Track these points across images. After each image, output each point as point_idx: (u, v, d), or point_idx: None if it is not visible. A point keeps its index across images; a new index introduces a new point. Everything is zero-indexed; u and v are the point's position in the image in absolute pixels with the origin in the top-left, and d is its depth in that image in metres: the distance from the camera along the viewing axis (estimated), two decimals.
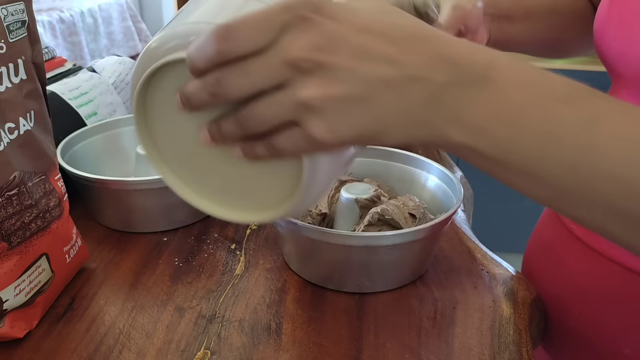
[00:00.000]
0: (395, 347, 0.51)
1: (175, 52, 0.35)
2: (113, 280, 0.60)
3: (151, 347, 0.51)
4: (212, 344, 0.51)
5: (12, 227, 0.49)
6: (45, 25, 3.00)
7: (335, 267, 0.57)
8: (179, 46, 0.35)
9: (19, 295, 0.51)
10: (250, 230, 0.69)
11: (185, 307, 0.56)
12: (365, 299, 0.57)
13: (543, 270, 0.65)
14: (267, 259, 0.63)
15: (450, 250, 0.64)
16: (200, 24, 0.35)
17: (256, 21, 0.30)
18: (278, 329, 0.53)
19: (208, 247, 0.66)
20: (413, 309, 0.56)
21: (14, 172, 0.49)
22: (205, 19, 0.36)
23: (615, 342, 0.57)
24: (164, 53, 0.36)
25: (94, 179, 0.64)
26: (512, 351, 0.50)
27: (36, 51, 0.53)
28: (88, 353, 0.50)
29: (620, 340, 0.56)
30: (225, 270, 0.61)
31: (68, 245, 0.57)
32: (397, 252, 0.55)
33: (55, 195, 0.54)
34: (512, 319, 0.54)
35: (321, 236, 0.54)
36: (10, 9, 0.49)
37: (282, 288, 0.59)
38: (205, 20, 0.35)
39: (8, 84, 0.49)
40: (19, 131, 0.50)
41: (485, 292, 0.58)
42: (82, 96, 0.78)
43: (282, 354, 0.50)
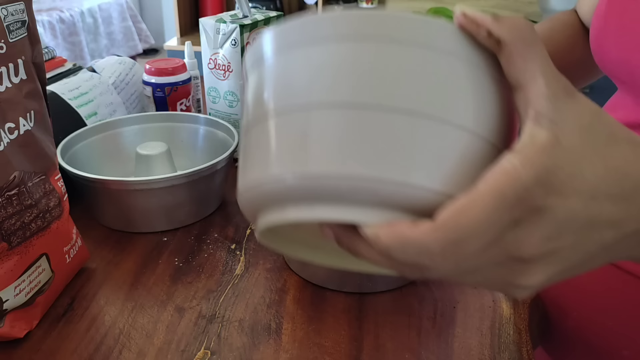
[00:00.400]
0: (395, 347, 0.51)
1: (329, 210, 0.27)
2: (113, 280, 0.60)
3: (151, 347, 0.51)
4: (212, 344, 0.51)
5: (12, 227, 0.49)
6: (45, 25, 3.01)
7: (335, 267, 0.57)
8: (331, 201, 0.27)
9: (19, 295, 0.51)
10: (250, 230, 0.69)
11: (185, 307, 0.56)
12: (365, 299, 0.57)
13: None
14: (267, 259, 0.63)
15: None
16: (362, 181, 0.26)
17: (484, 225, 0.25)
18: (278, 329, 0.53)
19: (208, 247, 0.66)
20: (413, 309, 0.56)
21: (14, 172, 0.49)
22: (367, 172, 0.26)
23: (615, 344, 0.57)
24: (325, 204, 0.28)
25: (94, 179, 0.64)
26: (512, 351, 0.50)
27: (36, 51, 0.53)
28: (88, 353, 0.50)
29: (619, 342, 0.56)
30: (225, 270, 0.61)
31: (68, 245, 0.57)
32: None
33: (55, 195, 0.54)
34: (512, 319, 0.54)
35: None
36: (10, 9, 0.49)
37: (282, 288, 0.59)
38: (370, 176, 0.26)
39: (8, 84, 0.49)
40: (19, 131, 0.50)
41: (485, 292, 0.58)
42: (82, 96, 0.78)
43: (282, 354, 0.50)
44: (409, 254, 0.26)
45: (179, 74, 0.87)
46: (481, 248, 0.26)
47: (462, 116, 0.27)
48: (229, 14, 0.82)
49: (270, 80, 0.30)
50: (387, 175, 0.26)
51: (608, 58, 0.54)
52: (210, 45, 0.80)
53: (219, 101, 0.83)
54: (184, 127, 0.81)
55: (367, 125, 0.26)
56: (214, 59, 0.81)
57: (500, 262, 0.27)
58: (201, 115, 0.81)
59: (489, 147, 0.27)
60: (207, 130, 0.80)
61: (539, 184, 0.25)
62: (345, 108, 0.27)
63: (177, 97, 0.88)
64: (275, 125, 0.29)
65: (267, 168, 0.29)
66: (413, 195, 0.26)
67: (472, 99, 0.28)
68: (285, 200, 0.29)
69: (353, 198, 0.26)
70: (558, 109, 0.26)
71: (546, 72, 0.27)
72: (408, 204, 0.26)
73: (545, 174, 0.25)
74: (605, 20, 0.54)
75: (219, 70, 0.81)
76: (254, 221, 0.33)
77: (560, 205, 0.25)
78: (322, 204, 0.27)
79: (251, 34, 0.79)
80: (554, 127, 0.25)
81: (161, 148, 0.71)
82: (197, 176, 0.66)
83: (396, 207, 0.27)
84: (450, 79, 0.27)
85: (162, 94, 0.87)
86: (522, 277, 0.27)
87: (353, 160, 0.26)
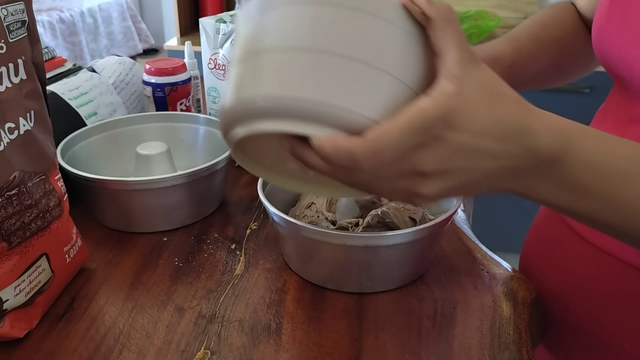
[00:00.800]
0: (395, 347, 0.51)
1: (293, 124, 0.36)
2: (113, 280, 0.60)
3: (151, 347, 0.51)
4: (212, 344, 0.51)
5: (12, 227, 0.49)
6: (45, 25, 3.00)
7: (335, 267, 0.57)
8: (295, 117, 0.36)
9: (19, 295, 0.51)
10: (250, 230, 0.69)
11: (185, 307, 0.56)
12: (365, 299, 0.57)
13: (542, 266, 0.66)
14: (267, 259, 0.63)
15: (450, 250, 0.64)
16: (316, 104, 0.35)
17: (397, 143, 0.34)
18: (278, 329, 0.53)
19: (208, 247, 0.66)
20: (413, 309, 0.56)
21: (14, 172, 0.49)
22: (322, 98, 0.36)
23: (615, 337, 0.57)
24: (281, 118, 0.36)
25: (94, 179, 0.64)
26: (512, 351, 0.50)
27: (36, 51, 0.53)
28: (88, 353, 0.50)
29: (620, 335, 0.56)
30: (225, 270, 0.61)
31: (68, 245, 0.57)
32: (397, 252, 0.55)
33: (55, 195, 0.54)
34: (512, 319, 0.54)
35: (321, 236, 0.54)
36: (10, 9, 0.49)
37: (282, 288, 0.59)
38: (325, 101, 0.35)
39: (8, 84, 0.49)
40: (19, 131, 0.50)
41: (485, 292, 0.58)
42: (82, 96, 0.78)
43: (282, 354, 0.50)
44: (342, 158, 0.35)
45: (179, 74, 0.87)
46: (393, 160, 0.35)
47: (394, 66, 0.36)
48: (229, 14, 0.82)
49: (252, 30, 0.39)
50: (334, 101, 0.35)
51: (608, 54, 0.54)
52: (210, 45, 0.80)
53: (219, 101, 0.83)
54: (184, 127, 0.81)
55: (322, 64, 0.36)
56: (214, 59, 0.81)
57: (405, 174, 0.36)
58: (201, 115, 0.81)
59: (411, 92, 0.37)
60: (207, 130, 0.80)
61: (441, 119, 0.34)
62: (307, 52, 0.36)
63: (177, 97, 0.88)
64: (254, 63, 0.38)
65: (254, 88, 0.37)
66: (351, 118, 0.35)
67: (402, 56, 0.37)
68: (256, 116, 0.37)
69: (307, 117, 0.36)
70: (464, 71, 0.35)
71: (458, 43, 0.36)
72: (346, 125, 0.36)
73: (447, 113, 0.34)
74: (607, 17, 0.54)
75: (219, 70, 0.81)
76: (226, 134, 0.41)
77: (454, 137, 0.35)
78: (283, 120, 0.36)
79: None
80: (459, 82, 0.35)
81: (161, 148, 0.71)
82: (197, 176, 0.66)
83: (337, 126, 0.36)
84: (387, 39, 0.37)
85: (162, 94, 0.87)
86: (421, 187, 0.37)
87: (308, 87, 0.36)
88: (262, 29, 0.39)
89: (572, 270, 0.60)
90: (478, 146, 0.35)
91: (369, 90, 0.36)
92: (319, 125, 0.36)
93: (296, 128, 0.36)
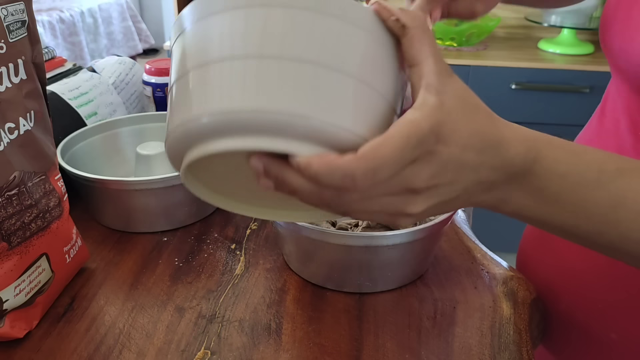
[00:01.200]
0: (395, 347, 0.51)
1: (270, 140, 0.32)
2: (113, 280, 0.60)
3: (151, 347, 0.51)
4: (212, 344, 0.51)
5: (12, 227, 0.49)
6: (45, 25, 3.01)
7: (335, 267, 0.57)
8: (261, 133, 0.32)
9: (19, 295, 0.51)
10: (250, 230, 0.69)
11: (185, 307, 0.56)
12: (365, 299, 0.57)
13: (537, 257, 0.66)
14: (267, 259, 0.63)
15: (450, 250, 0.64)
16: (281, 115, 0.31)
17: (395, 160, 0.32)
18: (278, 329, 0.53)
19: (208, 247, 0.66)
20: (413, 309, 0.56)
21: (14, 172, 0.49)
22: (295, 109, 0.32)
23: (604, 327, 0.58)
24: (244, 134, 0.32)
25: (94, 179, 0.64)
26: (512, 351, 0.50)
27: (36, 51, 0.53)
28: (88, 353, 0.50)
29: (608, 325, 0.57)
30: (225, 270, 0.61)
31: (68, 245, 0.57)
32: (397, 252, 0.55)
33: (55, 195, 0.54)
34: (512, 319, 0.54)
35: (321, 236, 0.54)
36: (10, 9, 0.49)
37: (282, 288, 0.59)
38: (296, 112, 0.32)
39: (8, 84, 0.49)
40: (19, 131, 0.50)
41: (485, 292, 0.58)
42: (82, 96, 0.78)
43: (282, 354, 0.50)
44: (334, 177, 0.32)
45: None
46: (389, 176, 0.33)
47: (374, 78, 0.34)
48: None
49: (189, 44, 0.35)
50: (319, 115, 0.32)
51: (610, 44, 0.55)
52: None
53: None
54: None
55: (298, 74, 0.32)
56: None
57: (396, 192, 0.35)
58: None
59: (388, 106, 0.35)
60: None
61: (433, 133, 0.33)
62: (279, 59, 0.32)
63: None
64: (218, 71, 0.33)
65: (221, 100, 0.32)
66: (337, 134, 0.32)
67: (381, 66, 0.35)
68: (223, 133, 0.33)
69: (287, 132, 0.32)
70: (442, 82, 0.34)
71: (435, 54, 0.35)
72: (332, 142, 0.33)
73: (437, 126, 0.33)
74: (616, 7, 0.55)
75: None
76: (178, 164, 0.37)
77: (444, 151, 0.34)
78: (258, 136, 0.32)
79: None
80: (439, 94, 0.34)
81: (161, 148, 0.71)
82: None
83: (323, 143, 0.33)
84: (364, 47, 0.34)
85: (162, 94, 0.87)
86: (409, 206, 0.35)
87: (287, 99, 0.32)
88: (219, 35, 0.34)
89: (564, 261, 0.61)
90: (462, 159, 0.35)
91: (352, 104, 0.33)
92: (300, 142, 0.32)
93: (274, 145, 0.32)
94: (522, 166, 0.37)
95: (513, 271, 0.61)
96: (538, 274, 0.64)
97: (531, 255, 0.68)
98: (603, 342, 0.58)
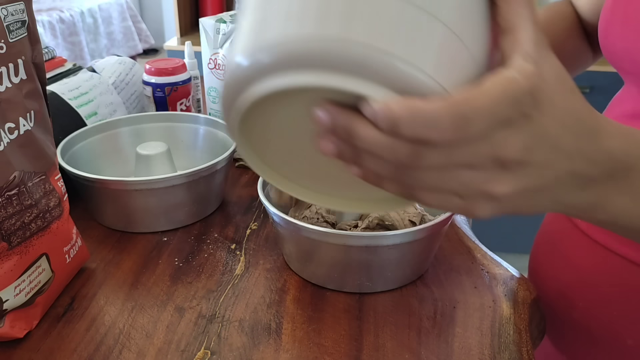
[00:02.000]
0: (395, 347, 0.51)
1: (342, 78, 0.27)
2: (113, 280, 0.60)
3: (151, 347, 0.51)
4: (212, 344, 0.51)
5: (12, 227, 0.49)
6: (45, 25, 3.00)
7: (335, 267, 0.57)
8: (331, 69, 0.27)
9: (19, 295, 0.51)
10: (250, 230, 0.69)
11: (185, 307, 0.56)
12: (365, 299, 0.57)
13: (549, 265, 0.66)
14: (267, 259, 0.63)
15: (450, 250, 0.64)
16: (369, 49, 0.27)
17: (489, 111, 0.28)
18: (278, 329, 0.53)
19: (208, 247, 0.66)
20: (413, 309, 0.56)
21: (14, 172, 0.49)
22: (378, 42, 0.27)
23: (619, 334, 0.57)
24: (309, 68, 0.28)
25: (94, 179, 0.64)
26: (512, 351, 0.50)
27: (36, 51, 0.53)
28: (88, 353, 0.50)
29: (624, 332, 0.57)
30: (225, 270, 0.61)
31: (68, 245, 0.57)
32: (397, 252, 0.55)
33: (55, 195, 0.54)
34: (512, 319, 0.54)
35: (321, 236, 0.54)
36: (10, 9, 0.49)
37: (282, 288, 0.59)
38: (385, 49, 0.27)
39: (8, 84, 0.49)
40: (19, 131, 0.50)
41: (485, 292, 0.58)
42: (82, 96, 0.78)
43: (282, 354, 0.50)
44: (417, 125, 0.27)
45: (179, 74, 0.87)
46: (480, 132, 0.28)
47: (465, 31, 0.30)
48: (229, 14, 0.82)
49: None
50: (400, 52, 0.27)
51: (613, 49, 0.55)
52: (210, 45, 0.80)
53: (219, 101, 0.83)
54: (183, 127, 0.81)
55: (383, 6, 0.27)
56: (214, 59, 0.81)
57: (482, 163, 0.30)
58: (201, 115, 0.81)
59: (477, 67, 0.30)
60: (207, 130, 0.80)
61: (531, 95, 0.29)
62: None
63: (177, 97, 0.88)
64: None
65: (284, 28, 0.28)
66: (422, 81, 0.27)
67: (474, 21, 0.30)
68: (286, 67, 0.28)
69: (363, 71, 0.27)
70: (540, 54, 0.30)
71: (534, 21, 0.31)
72: (412, 88, 0.27)
73: (535, 89, 0.29)
74: (611, 12, 0.55)
75: (219, 70, 0.81)
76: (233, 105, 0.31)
77: (541, 120, 0.30)
78: (330, 73, 0.27)
79: None
80: (537, 65, 0.29)
81: (161, 148, 0.71)
82: (197, 176, 0.66)
83: (401, 89, 0.28)
84: (462, 2, 0.30)
85: (162, 94, 0.87)
86: (495, 183, 0.30)
87: (367, 32, 0.27)
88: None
89: (577, 268, 0.61)
90: (558, 138, 0.30)
91: (440, 52, 0.28)
92: (377, 84, 0.27)
93: (346, 84, 0.27)
94: (624, 161, 0.33)
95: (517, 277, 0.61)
96: (551, 281, 0.64)
97: (543, 262, 0.68)
98: (619, 348, 0.58)
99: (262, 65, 0.28)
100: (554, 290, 0.63)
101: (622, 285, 0.56)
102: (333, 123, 0.30)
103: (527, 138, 0.30)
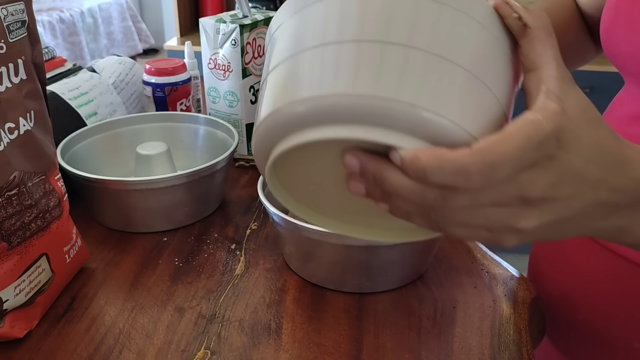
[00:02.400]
0: (395, 347, 0.51)
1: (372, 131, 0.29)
2: (113, 280, 0.60)
3: (151, 347, 0.51)
4: (212, 344, 0.51)
5: (12, 227, 0.49)
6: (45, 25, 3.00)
7: (335, 267, 0.57)
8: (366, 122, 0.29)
9: (19, 295, 0.51)
10: (250, 230, 0.69)
11: (185, 307, 0.56)
12: (365, 299, 0.57)
13: (550, 265, 0.66)
14: (267, 259, 0.63)
15: (450, 250, 0.64)
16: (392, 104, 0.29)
17: (515, 157, 0.29)
18: (278, 329, 0.53)
19: (208, 247, 0.66)
20: (413, 309, 0.56)
21: (14, 172, 0.49)
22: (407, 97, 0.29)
23: (625, 336, 0.57)
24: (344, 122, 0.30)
25: (94, 179, 0.64)
26: (512, 351, 0.50)
27: (36, 51, 0.53)
28: (88, 353, 0.50)
29: (630, 334, 0.57)
30: (225, 270, 0.61)
31: (68, 245, 0.57)
32: (397, 252, 0.55)
33: (55, 195, 0.54)
34: (512, 319, 0.54)
35: (321, 236, 0.54)
36: (10, 9, 0.49)
37: (282, 288, 0.59)
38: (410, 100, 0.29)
39: (8, 84, 0.49)
40: (19, 131, 0.50)
41: (485, 292, 0.58)
42: (82, 96, 0.78)
43: (282, 354, 0.50)
44: (445, 173, 0.29)
45: (179, 74, 0.87)
46: (506, 176, 0.29)
47: (489, 76, 0.31)
48: (229, 14, 0.82)
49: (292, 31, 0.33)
50: (430, 106, 0.29)
51: (617, 50, 0.55)
52: (210, 45, 0.80)
53: (219, 101, 0.83)
54: (184, 127, 0.81)
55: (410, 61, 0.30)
56: (214, 59, 0.81)
57: (508, 200, 0.31)
58: (201, 115, 0.81)
59: (501, 108, 0.32)
60: (207, 130, 0.80)
61: (555, 137, 0.30)
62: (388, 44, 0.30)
63: (177, 97, 0.88)
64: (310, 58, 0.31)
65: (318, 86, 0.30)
66: (448, 129, 0.29)
67: (496, 65, 0.32)
68: (307, 123, 0.30)
69: (391, 123, 0.29)
70: (563, 90, 0.31)
71: (557, 59, 0.32)
72: (438, 137, 0.29)
73: (559, 130, 0.30)
74: (615, 12, 0.55)
75: (219, 70, 0.81)
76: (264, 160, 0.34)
77: (566, 159, 0.30)
78: (361, 126, 0.29)
79: (251, 34, 0.79)
80: (560, 102, 0.30)
81: (161, 148, 0.71)
82: (197, 176, 0.66)
83: (427, 137, 0.29)
84: (481, 43, 0.32)
85: (162, 94, 0.87)
86: (521, 219, 0.31)
87: (394, 87, 0.29)
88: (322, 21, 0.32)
89: (581, 270, 0.60)
90: (583, 172, 0.31)
91: (464, 98, 0.30)
92: (404, 134, 0.29)
93: (375, 136, 0.29)
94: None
95: None
96: (552, 282, 0.63)
97: (543, 263, 0.68)
98: (625, 350, 0.57)
99: (300, 118, 0.31)
100: (555, 291, 0.62)
101: (628, 288, 0.56)
102: (363, 169, 0.31)
103: (552, 177, 0.31)
